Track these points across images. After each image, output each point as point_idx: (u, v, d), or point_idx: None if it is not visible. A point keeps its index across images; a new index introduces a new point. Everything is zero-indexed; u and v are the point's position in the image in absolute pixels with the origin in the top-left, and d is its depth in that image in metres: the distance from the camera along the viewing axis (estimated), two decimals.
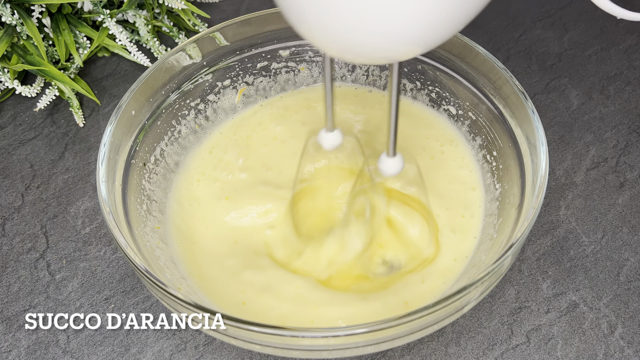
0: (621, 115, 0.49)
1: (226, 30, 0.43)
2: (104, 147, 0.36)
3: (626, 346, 0.37)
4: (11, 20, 0.48)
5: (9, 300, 0.41)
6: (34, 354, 0.38)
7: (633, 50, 0.55)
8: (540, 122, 0.36)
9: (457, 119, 0.44)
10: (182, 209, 0.41)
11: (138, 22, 0.54)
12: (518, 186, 0.37)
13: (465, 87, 0.42)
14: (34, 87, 0.51)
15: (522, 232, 0.32)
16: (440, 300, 0.30)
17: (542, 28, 0.57)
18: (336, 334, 0.29)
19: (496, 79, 0.39)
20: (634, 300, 0.39)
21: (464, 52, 0.41)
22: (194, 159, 0.43)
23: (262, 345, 0.31)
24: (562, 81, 0.52)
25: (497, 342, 0.38)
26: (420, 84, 0.45)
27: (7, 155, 0.49)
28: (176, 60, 0.41)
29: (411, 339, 0.32)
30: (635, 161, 0.46)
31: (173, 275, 0.36)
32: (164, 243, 0.38)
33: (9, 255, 0.43)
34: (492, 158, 0.41)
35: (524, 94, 0.37)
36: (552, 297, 0.39)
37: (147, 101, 0.40)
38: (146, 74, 0.39)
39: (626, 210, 0.44)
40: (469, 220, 0.40)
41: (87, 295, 0.41)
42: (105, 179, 0.35)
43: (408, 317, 0.29)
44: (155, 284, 0.31)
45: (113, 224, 0.33)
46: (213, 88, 0.45)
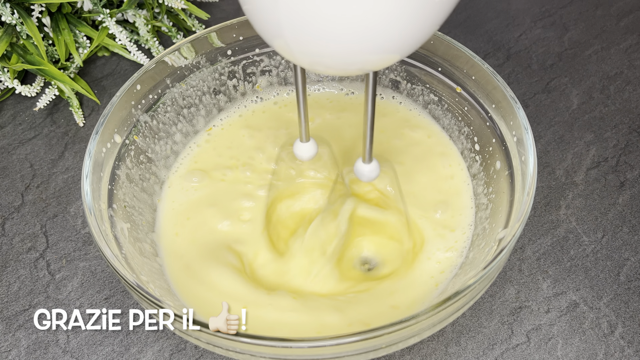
0: (621, 114, 0.49)
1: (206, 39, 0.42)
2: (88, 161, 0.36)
3: (626, 346, 0.37)
4: (11, 19, 0.48)
5: (9, 300, 0.41)
6: (34, 353, 0.38)
7: (633, 50, 0.54)
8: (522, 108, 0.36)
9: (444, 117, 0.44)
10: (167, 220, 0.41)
11: (138, 22, 0.54)
12: (508, 184, 0.37)
13: (440, 80, 0.42)
14: (33, 86, 0.51)
15: (512, 235, 0.31)
16: (433, 306, 0.29)
17: (542, 28, 0.57)
18: (322, 344, 0.29)
19: (467, 68, 0.39)
20: (634, 299, 0.39)
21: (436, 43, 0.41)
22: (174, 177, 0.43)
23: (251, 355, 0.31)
24: (562, 81, 0.52)
25: (498, 342, 0.38)
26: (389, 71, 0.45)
27: (7, 155, 0.49)
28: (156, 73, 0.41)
29: (400, 347, 0.32)
30: (635, 161, 0.46)
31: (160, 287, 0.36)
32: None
33: (8, 255, 0.43)
34: (478, 154, 0.40)
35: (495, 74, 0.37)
36: (553, 297, 0.39)
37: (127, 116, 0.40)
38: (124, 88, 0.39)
39: (626, 210, 0.44)
40: (459, 219, 0.39)
41: (87, 295, 0.41)
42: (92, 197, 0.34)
43: (398, 325, 0.29)
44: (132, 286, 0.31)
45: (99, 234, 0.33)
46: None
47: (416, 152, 0.43)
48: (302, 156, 0.36)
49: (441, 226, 0.39)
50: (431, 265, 0.37)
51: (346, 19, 0.22)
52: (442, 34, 0.40)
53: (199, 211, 0.40)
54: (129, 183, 0.39)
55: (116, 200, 0.37)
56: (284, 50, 0.25)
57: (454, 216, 0.39)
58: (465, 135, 0.42)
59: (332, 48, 0.23)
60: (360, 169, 0.34)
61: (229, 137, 0.44)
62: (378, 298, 0.36)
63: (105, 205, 0.36)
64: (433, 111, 0.44)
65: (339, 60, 0.25)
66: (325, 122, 0.45)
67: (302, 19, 0.22)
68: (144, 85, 0.40)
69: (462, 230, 0.39)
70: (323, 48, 0.24)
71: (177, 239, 0.39)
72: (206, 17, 0.56)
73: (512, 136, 0.37)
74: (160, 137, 0.42)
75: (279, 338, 0.28)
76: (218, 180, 0.42)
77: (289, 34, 0.23)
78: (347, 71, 0.29)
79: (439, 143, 0.43)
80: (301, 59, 0.26)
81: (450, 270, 0.37)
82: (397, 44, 0.24)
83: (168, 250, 0.39)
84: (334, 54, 0.24)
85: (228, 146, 0.44)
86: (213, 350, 0.32)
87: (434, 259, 0.37)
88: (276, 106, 0.46)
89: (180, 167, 0.43)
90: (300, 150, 0.35)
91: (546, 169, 0.46)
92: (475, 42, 0.56)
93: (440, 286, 0.36)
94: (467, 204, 0.40)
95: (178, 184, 0.42)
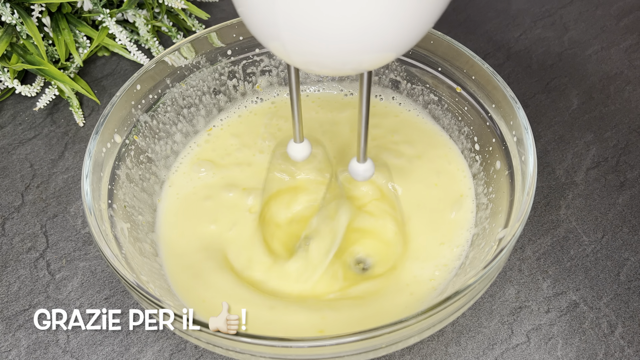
0: (621, 114, 0.49)
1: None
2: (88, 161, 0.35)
3: (626, 346, 0.37)
4: (11, 19, 0.48)
5: (9, 300, 0.41)
6: (34, 353, 0.38)
7: (633, 50, 0.55)
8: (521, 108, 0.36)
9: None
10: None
11: (138, 22, 0.54)
12: (508, 184, 0.37)
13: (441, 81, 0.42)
14: (33, 86, 0.51)
15: (512, 235, 0.31)
16: (433, 305, 0.29)
17: (542, 28, 0.57)
18: (322, 344, 0.29)
19: (470, 70, 0.39)
20: (634, 299, 0.39)
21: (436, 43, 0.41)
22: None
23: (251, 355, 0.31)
24: (562, 81, 0.52)
25: (498, 342, 0.38)
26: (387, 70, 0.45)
27: (7, 155, 0.49)
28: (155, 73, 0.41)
29: (399, 347, 0.32)
30: (635, 161, 0.46)
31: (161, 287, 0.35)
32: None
33: (8, 254, 0.43)
34: (478, 154, 0.40)
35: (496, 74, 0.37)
36: (553, 297, 0.39)
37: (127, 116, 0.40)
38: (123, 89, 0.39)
39: (626, 210, 0.44)
40: (461, 217, 0.39)
41: (87, 295, 0.41)
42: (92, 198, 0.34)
43: (398, 325, 0.29)
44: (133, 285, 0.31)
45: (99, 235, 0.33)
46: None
47: (416, 153, 0.43)
48: (296, 156, 0.36)
49: (438, 226, 0.39)
50: (429, 266, 0.37)
51: (341, 18, 0.22)
52: (442, 34, 0.40)
53: (199, 211, 0.40)
54: (129, 183, 0.39)
55: (116, 200, 0.37)
56: (278, 50, 0.25)
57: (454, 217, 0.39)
58: (465, 135, 0.42)
59: (327, 47, 0.23)
60: (355, 168, 0.34)
61: (228, 137, 0.44)
62: (377, 298, 0.36)
63: (105, 205, 0.36)
64: (433, 111, 0.44)
65: (334, 60, 0.25)
66: (324, 123, 0.45)
67: (297, 18, 0.22)
68: (144, 85, 0.40)
69: (467, 228, 0.39)
70: (317, 47, 0.23)
71: (177, 239, 0.39)
72: (206, 17, 0.56)
73: (512, 136, 0.37)
74: (160, 137, 0.42)
75: (279, 338, 0.28)
76: (218, 180, 0.42)
77: (284, 33, 0.23)
78: (342, 70, 0.28)
79: (438, 143, 0.43)
80: (295, 59, 0.26)
81: (449, 271, 0.37)
82: (392, 42, 0.24)
83: (168, 250, 0.39)
84: (328, 53, 0.24)
85: (228, 146, 0.44)
86: (213, 350, 0.32)
87: (432, 260, 0.37)
88: (273, 106, 0.46)
89: (180, 167, 0.43)
90: (294, 150, 0.35)
91: (546, 169, 0.46)
92: (475, 42, 0.56)
93: (439, 287, 0.36)
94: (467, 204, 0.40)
95: (178, 184, 0.42)
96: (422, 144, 0.43)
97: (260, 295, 0.36)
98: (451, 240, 0.38)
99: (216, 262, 0.37)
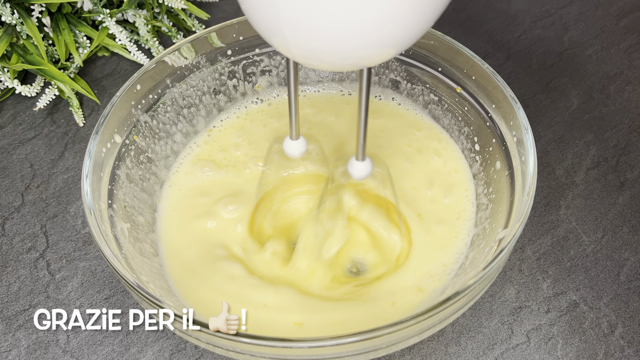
0: (621, 114, 0.49)
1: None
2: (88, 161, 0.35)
3: (626, 346, 0.37)
4: (11, 19, 0.48)
5: (9, 300, 0.41)
6: (34, 353, 0.38)
7: (633, 50, 0.55)
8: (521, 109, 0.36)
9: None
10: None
11: (138, 22, 0.54)
12: (507, 183, 0.37)
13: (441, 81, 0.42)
14: (33, 86, 0.51)
15: (512, 235, 0.31)
16: (433, 306, 0.29)
17: (542, 28, 0.57)
18: (322, 345, 0.29)
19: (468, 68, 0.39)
20: (634, 299, 0.39)
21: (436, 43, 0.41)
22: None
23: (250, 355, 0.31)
24: (562, 81, 0.52)
25: (498, 342, 0.38)
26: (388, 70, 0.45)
27: (7, 155, 0.49)
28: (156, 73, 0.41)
29: (399, 347, 0.32)
30: (635, 161, 0.46)
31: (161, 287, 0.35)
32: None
33: (8, 254, 0.43)
34: (478, 154, 0.40)
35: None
36: (553, 297, 0.39)
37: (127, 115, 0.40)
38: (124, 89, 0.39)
39: (626, 210, 0.44)
40: (461, 219, 0.39)
41: (87, 295, 0.41)
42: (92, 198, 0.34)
43: (398, 325, 0.28)
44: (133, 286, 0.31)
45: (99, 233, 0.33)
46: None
47: (415, 152, 0.43)
48: (292, 153, 0.36)
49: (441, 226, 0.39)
50: (428, 266, 0.37)
51: (343, 12, 0.22)
52: (442, 34, 0.40)
53: (199, 211, 0.40)
54: (129, 183, 0.39)
55: (116, 201, 0.37)
56: (279, 44, 0.25)
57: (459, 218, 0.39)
58: (465, 135, 0.42)
59: (327, 42, 0.23)
60: (353, 166, 0.34)
61: (229, 137, 0.44)
62: (377, 298, 0.36)
63: (105, 205, 0.36)
64: (433, 111, 0.44)
65: (334, 55, 0.25)
66: (322, 122, 0.45)
67: (298, 13, 0.22)
68: (144, 85, 0.40)
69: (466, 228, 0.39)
70: (319, 42, 0.24)
71: (177, 239, 0.39)
72: (206, 17, 0.56)
73: (512, 136, 0.37)
74: (160, 137, 0.42)
75: (279, 338, 0.28)
76: (218, 180, 0.42)
77: (285, 27, 0.23)
78: (342, 66, 0.28)
79: (438, 143, 0.43)
80: (296, 53, 0.26)
81: (448, 271, 0.37)
82: (392, 38, 0.24)
83: (168, 250, 0.39)
84: (329, 48, 0.24)
85: (228, 146, 0.44)
86: (213, 350, 0.32)
87: (432, 260, 0.37)
88: (271, 107, 0.46)
89: (181, 167, 0.43)
90: (290, 147, 0.35)
91: (546, 169, 0.46)
92: (475, 42, 0.56)
93: (439, 288, 0.36)
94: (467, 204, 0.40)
95: (178, 184, 0.42)
96: (421, 144, 0.43)
97: (262, 295, 0.36)
98: (451, 240, 0.38)
99: (216, 262, 0.37)
